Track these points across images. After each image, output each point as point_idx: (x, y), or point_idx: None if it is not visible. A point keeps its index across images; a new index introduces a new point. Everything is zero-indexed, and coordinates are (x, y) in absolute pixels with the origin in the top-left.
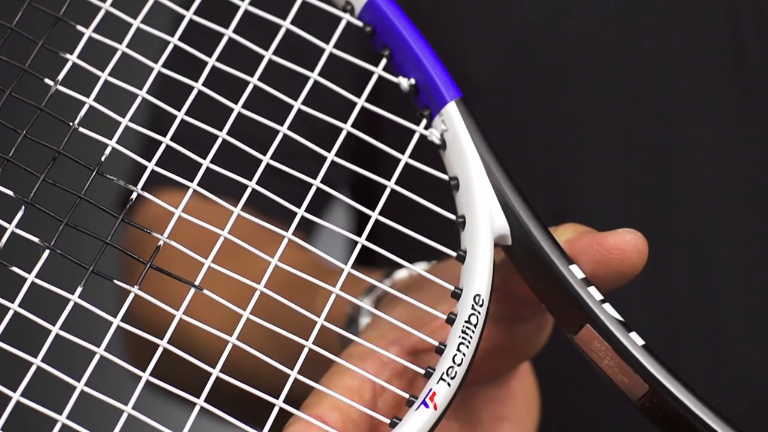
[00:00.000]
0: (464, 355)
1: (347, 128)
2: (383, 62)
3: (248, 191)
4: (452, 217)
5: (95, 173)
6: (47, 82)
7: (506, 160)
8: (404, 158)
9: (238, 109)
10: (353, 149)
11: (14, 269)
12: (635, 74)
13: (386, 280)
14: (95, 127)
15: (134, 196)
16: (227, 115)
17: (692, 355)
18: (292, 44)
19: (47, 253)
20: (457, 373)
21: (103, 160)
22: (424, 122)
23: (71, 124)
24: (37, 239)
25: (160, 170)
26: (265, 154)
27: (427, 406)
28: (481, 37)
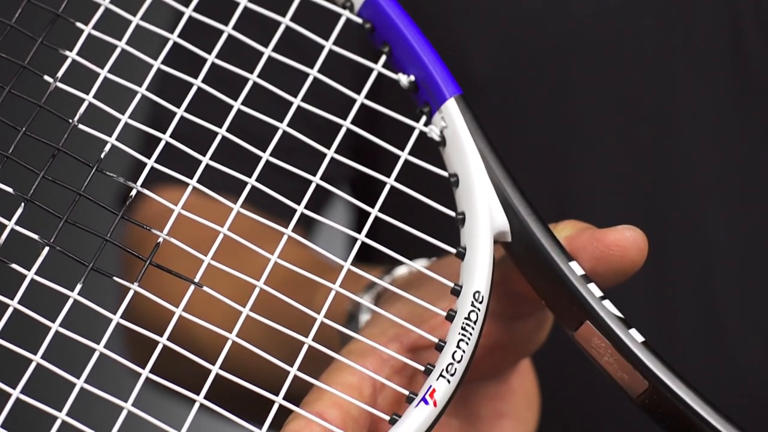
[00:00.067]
0: (464, 351)
1: (347, 125)
2: (383, 59)
3: (248, 188)
4: (452, 213)
5: (95, 170)
6: (47, 79)
7: (506, 157)
8: (404, 155)
9: (237, 105)
10: (353, 146)
11: (14, 266)
12: (635, 72)
13: (386, 276)
14: (95, 124)
15: (134, 193)
16: (227, 112)
17: (692, 351)
18: (291, 41)
19: (47, 250)
20: (456, 369)
21: (102, 157)
22: (423, 119)
23: (71, 121)
24: (36, 236)
25: (159, 167)
26: (264, 150)
27: (426, 402)
28: (481, 34)
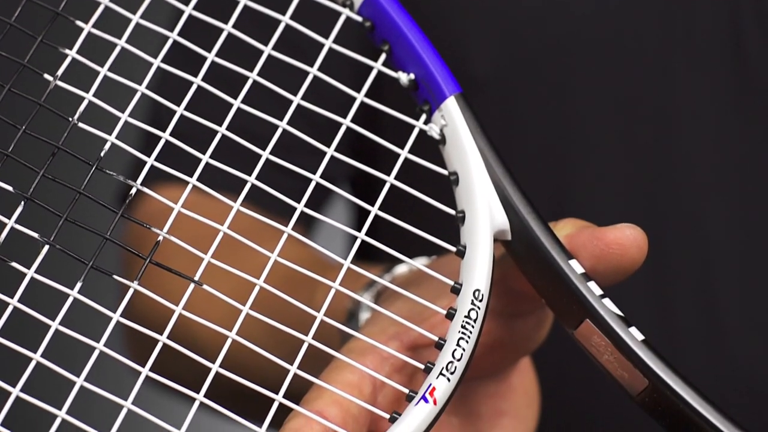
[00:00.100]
0: (464, 350)
1: (347, 123)
2: (383, 57)
3: (248, 186)
4: (452, 212)
5: (95, 168)
6: (46, 77)
7: (506, 155)
8: (404, 153)
9: (237, 104)
10: (353, 144)
11: (14, 264)
12: (635, 72)
13: (386, 275)
14: (95, 122)
15: (134, 191)
16: (227, 110)
17: (692, 350)
18: (291, 39)
19: (47, 248)
20: (456, 368)
21: (102, 155)
22: (423, 117)
23: (70, 119)
24: (36, 234)
25: (159, 165)
26: (264, 149)
27: (426, 401)
28: (480, 33)
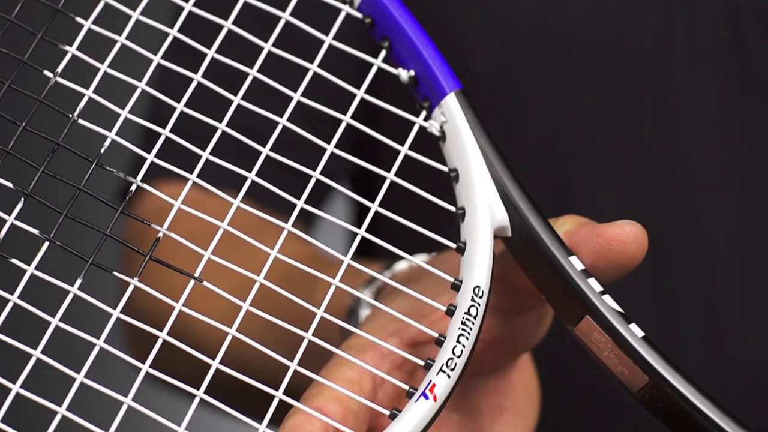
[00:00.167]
0: (464, 346)
1: (347, 120)
2: (383, 54)
3: (248, 183)
4: (452, 208)
5: (95, 165)
6: (46, 73)
7: (506, 152)
8: (404, 150)
9: (237, 100)
10: (353, 141)
11: (14, 261)
12: (636, 68)
13: (386, 271)
14: (95, 118)
15: (134, 187)
16: (227, 106)
17: (692, 346)
18: (291, 36)
19: (47, 244)
20: (456, 364)
21: (102, 151)
22: (423, 114)
23: (71, 116)
24: (36, 231)
25: (159, 162)
26: (264, 145)
27: (426, 397)
28: (481, 28)
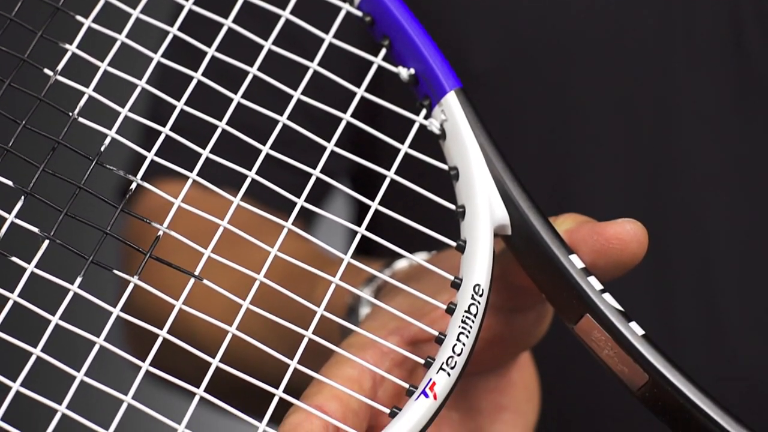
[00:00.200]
0: (464, 345)
1: (347, 118)
2: (383, 52)
3: (248, 181)
4: (452, 207)
5: (95, 163)
6: (47, 72)
7: (506, 150)
8: (404, 148)
9: (237, 99)
10: (353, 139)
11: (14, 259)
12: (636, 68)
13: (386, 270)
14: (95, 117)
15: (134, 186)
16: (227, 105)
17: (692, 345)
18: (291, 34)
19: (47, 243)
20: (456, 362)
21: (102, 150)
22: (423, 112)
23: (71, 114)
24: (36, 229)
25: (159, 160)
26: (264, 144)
27: (426, 395)
28: (480, 26)
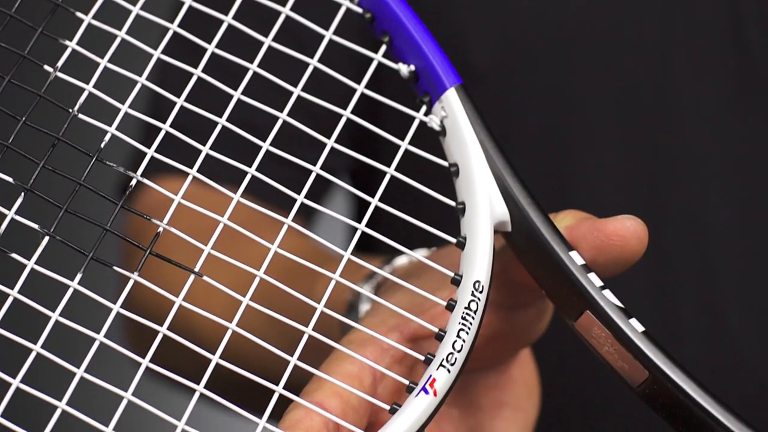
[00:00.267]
0: (464, 341)
1: (347, 115)
2: (383, 49)
3: (248, 178)
4: (452, 203)
5: (95, 160)
6: (47, 68)
7: (506, 146)
8: (404, 145)
9: (237, 95)
10: (353, 136)
11: (14, 256)
12: (635, 61)
13: (386, 266)
14: (95, 113)
15: (134, 182)
16: (227, 101)
17: (692, 341)
18: (291, 31)
19: (47, 239)
20: (457, 359)
21: (102, 146)
22: (423, 109)
23: (71, 110)
24: (36, 226)
25: (159, 157)
26: (264, 140)
27: (427, 392)
28: (480, 23)
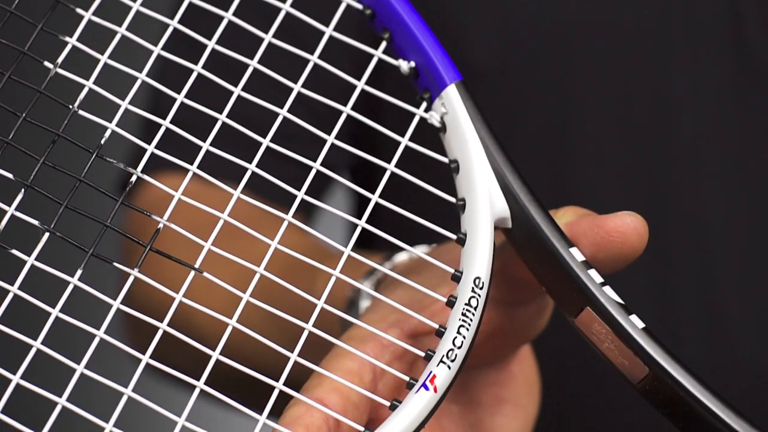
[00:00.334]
0: (464, 337)
1: (347, 111)
2: (383, 45)
3: (248, 174)
4: (452, 200)
5: (95, 156)
6: (47, 65)
7: (506, 142)
8: (404, 141)
9: (237, 92)
10: (353, 132)
11: (14, 252)
12: (635, 57)
13: (386, 263)
14: (95, 110)
15: (134, 179)
16: (227, 98)
17: (692, 337)
18: (292, 27)
19: (47, 235)
20: (457, 355)
21: (102, 143)
22: (424, 105)
23: (71, 107)
24: (36, 222)
25: (159, 153)
26: (264, 137)
27: (427, 388)
28: (480, 19)
